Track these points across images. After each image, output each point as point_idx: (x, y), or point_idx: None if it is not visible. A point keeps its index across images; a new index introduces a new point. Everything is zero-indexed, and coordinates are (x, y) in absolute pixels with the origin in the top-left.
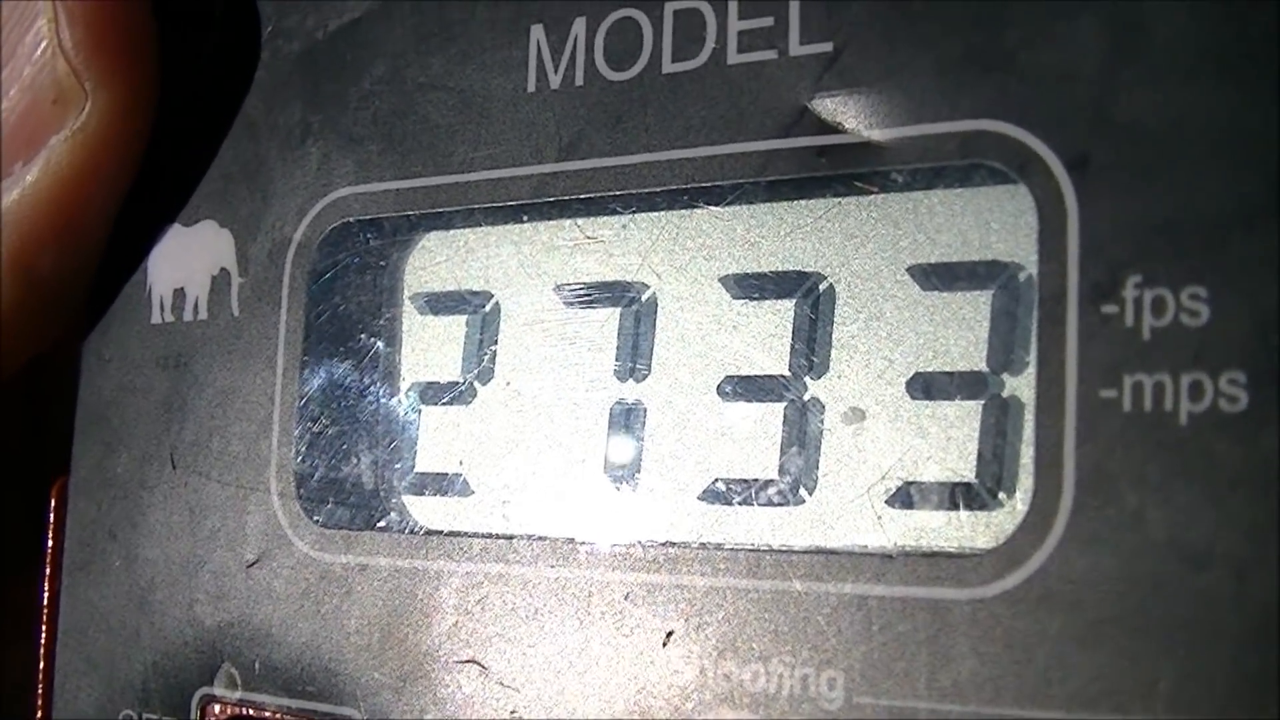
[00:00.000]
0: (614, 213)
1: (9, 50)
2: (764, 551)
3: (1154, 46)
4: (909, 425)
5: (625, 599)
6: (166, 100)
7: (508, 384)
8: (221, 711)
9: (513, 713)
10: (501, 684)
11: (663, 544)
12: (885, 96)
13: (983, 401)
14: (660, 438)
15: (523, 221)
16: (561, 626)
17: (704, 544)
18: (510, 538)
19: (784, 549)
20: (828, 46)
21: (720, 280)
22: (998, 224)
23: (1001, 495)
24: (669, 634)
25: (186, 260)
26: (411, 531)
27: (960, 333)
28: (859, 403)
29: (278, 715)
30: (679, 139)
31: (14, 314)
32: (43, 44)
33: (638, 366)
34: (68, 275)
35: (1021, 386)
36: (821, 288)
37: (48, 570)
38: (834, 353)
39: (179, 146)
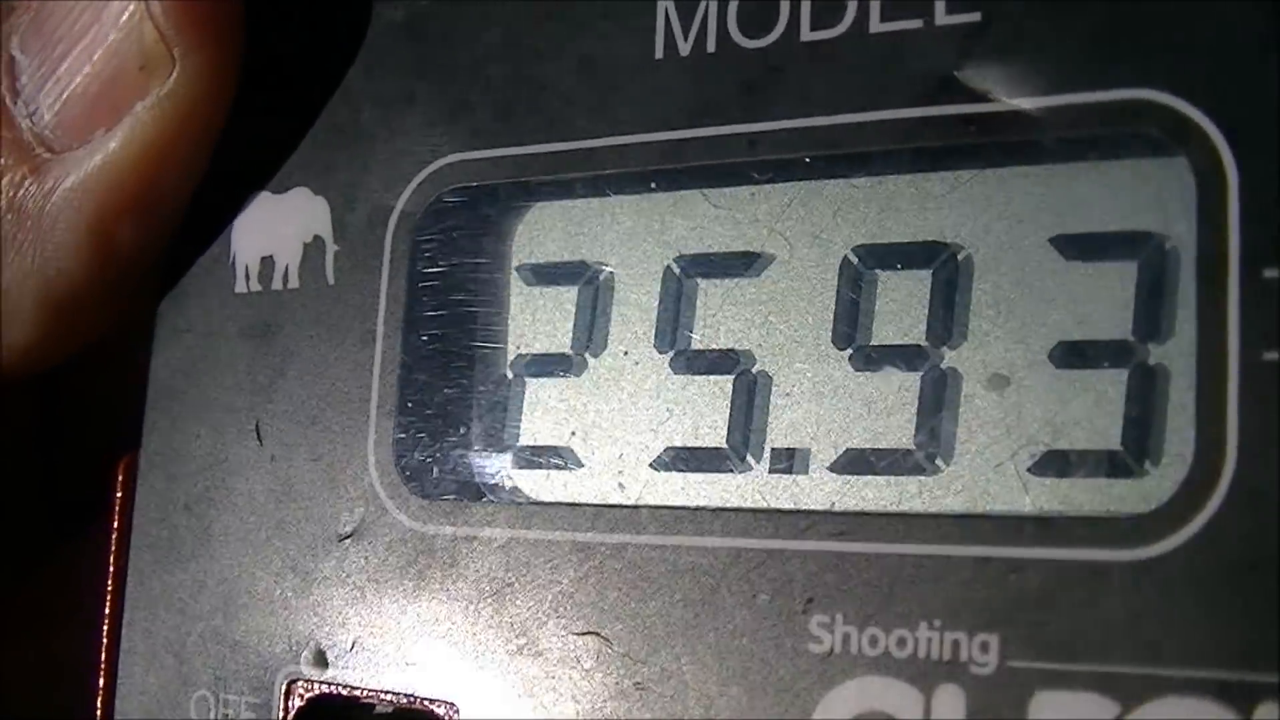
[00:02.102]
0: (743, 181)
1: (92, 15)
2: (908, 516)
3: None
4: (1051, 393)
5: (760, 566)
6: (259, 67)
7: (625, 354)
8: (308, 690)
9: (637, 684)
10: (626, 656)
11: (795, 512)
12: (1035, 65)
13: (1127, 369)
14: (789, 408)
15: (647, 190)
16: (690, 595)
17: (842, 511)
18: (632, 508)
19: (928, 514)
20: (975, 15)
21: (853, 250)
22: (1150, 194)
23: (1148, 463)
24: (809, 600)
25: (276, 228)
26: (521, 502)
27: (1105, 302)
28: (1000, 370)
29: (371, 694)
30: (816, 107)
31: (90, 285)
32: (129, 10)
33: (763, 336)
34: (145, 246)
35: (1169, 354)
36: (960, 258)
37: (112, 549)
38: (972, 322)
39: (266, 114)
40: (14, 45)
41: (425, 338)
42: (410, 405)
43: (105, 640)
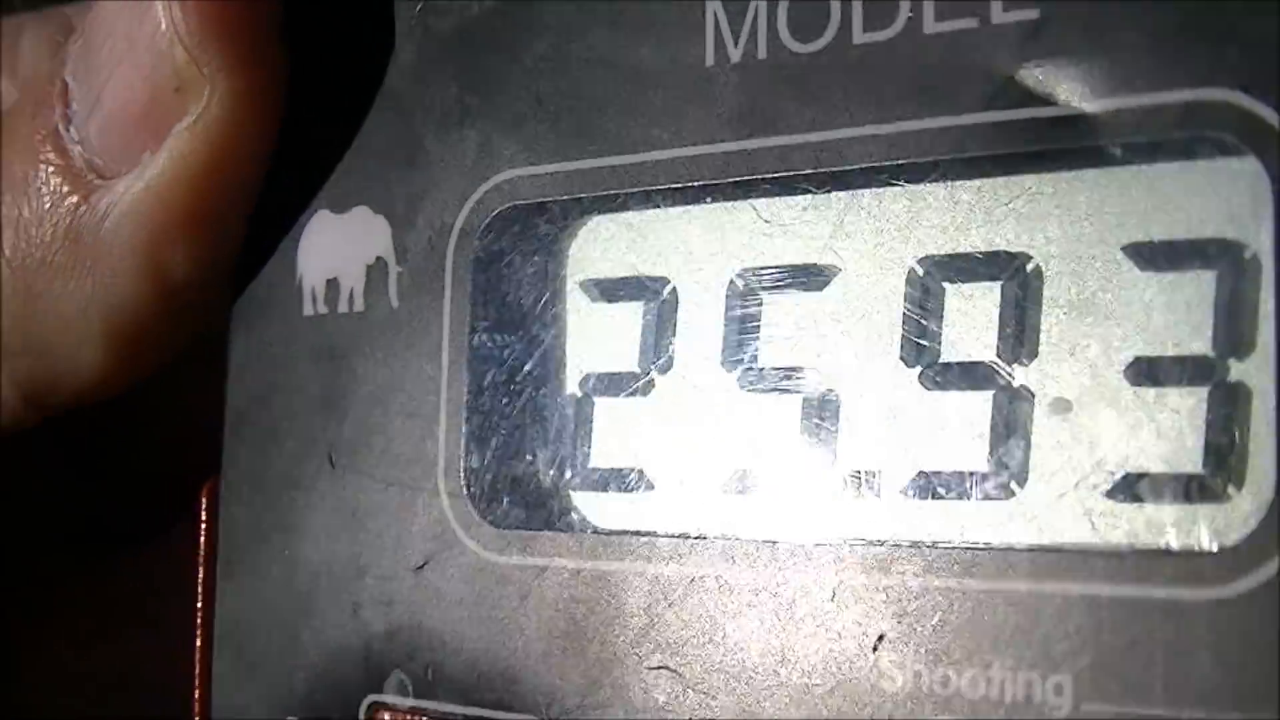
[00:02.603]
0: (800, 192)
1: (128, 39)
2: (980, 549)
3: None
4: (1127, 414)
5: (830, 600)
6: (312, 83)
7: (687, 374)
8: (392, 719)
9: None
10: (696, 690)
11: (868, 542)
12: (1097, 66)
13: (1208, 388)
14: (858, 430)
15: (703, 202)
16: (760, 629)
17: (914, 542)
18: (703, 538)
19: (1001, 546)
20: (1033, 13)
21: (917, 262)
22: (1222, 198)
23: (1230, 488)
24: (880, 637)
25: (339, 249)
26: (593, 531)
27: (1182, 315)
28: (1070, 390)
29: None
30: (872, 113)
31: (150, 310)
32: (160, 32)
33: (829, 353)
34: (202, 272)
35: (1250, 371)
36: (1029, 269)
37: (201, 573)
38: (1043, 337)
39: (326, 131)
40: (68, 72)
41: (489, 359)
42: (477, 430)
43: (198, 663)
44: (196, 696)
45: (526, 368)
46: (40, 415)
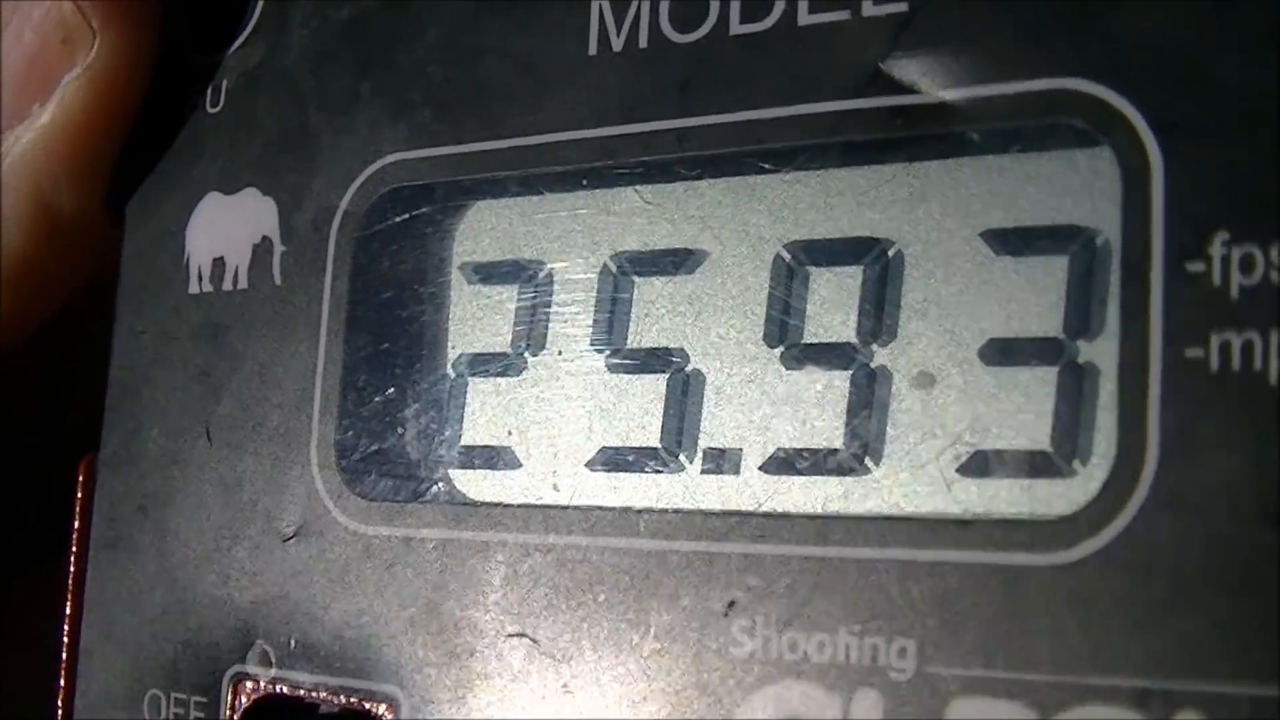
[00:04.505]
0: (676, 178)
1: None
2: (831, 518)
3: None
4: (981, 392)
5: (685, 568)
6: (204, 66)
7: (559, 354)
8: (254, 689)
9: (564, 686)
10: (552, 657)
11: (722, 513)
12: (962, 56)
13: (1058, 368)
14: (720, 406)
15: (581, 188)
16: (615, 598)
17: (767, 512)
18: (563, 508)
19: (851, 515)
20: (903, 6)
21: (785, 246)
22: (1076, 186)
23: (1076, 463)
24: (730, 603)
25: (227, 229)
26: (459, 503)
27: (1035, 298)
28: (928, 368)
29: (313, 693)
30: (747, 101)
31: (38, 256)
32: None
33: (695, 334)
34: (89, 213)
35: (1099, 352)
36: (890, 254)
37: (74, 549)
38: (903, 319)
39: (218, 114)
40: None
41: (367, 338)
42: (351, 406)
43: (66, 640)
44: (63, 671)
45: (403, 347)
46: None
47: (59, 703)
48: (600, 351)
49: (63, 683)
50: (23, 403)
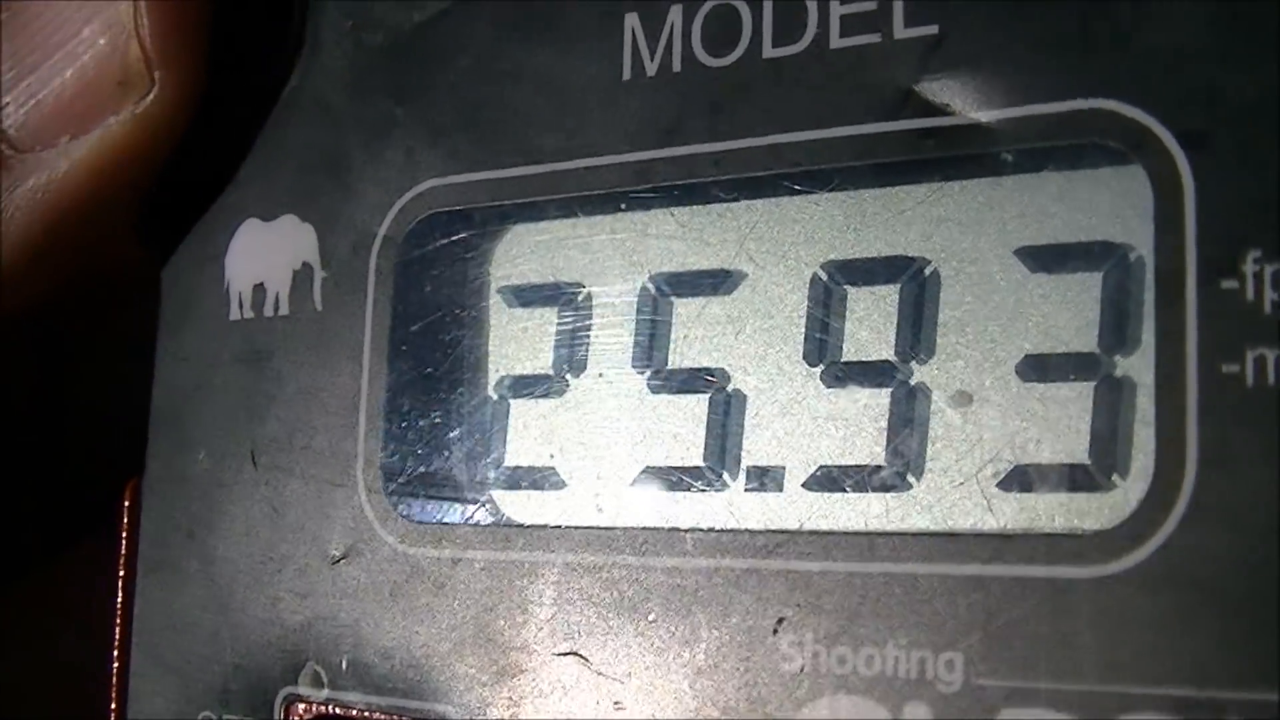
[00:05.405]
0: (713, 200)
1: (75, 25)
2: (875, 534)
3: (1268, 17)
4: (1018, 408)
5: (733, 585)
6: (245, 95)
7: (600, 375)
8: (306, 711)
9: (616, 704)
10: (603, 675)
11: (768, 531)
12: (993, 78)
13: (1094, 383)
14: (762, 425)
15: (619, 211)
16: (665, 615)
17: (813, 530)
18: (610, 529)
19: (896, 532)
20: (933, 29)
21: (822, 266)
22: (1109, 204)
23: (1115, 477)
24: (779, 620)
25: (267, 255)
26: (505, 524)
27: (1070, 314)
28: (966, 386)
29: (366, 714)
30: (780, 124)
31: (23, 284)
32: (118, 25)
33: (735, 354)
34: (85, 255)
35: (1135, 367)
36: (926, 272)
37: (121, 572)
38: (940, 337)
39: (256, 141)
40: None
41: (410, 362)
42: (396, 429)
43: (115, 662)
44: (114, 696)
45: (445, 369)
46: None
47: None
48: (641, 372)
49: (113, 706)
50: (22, 401)
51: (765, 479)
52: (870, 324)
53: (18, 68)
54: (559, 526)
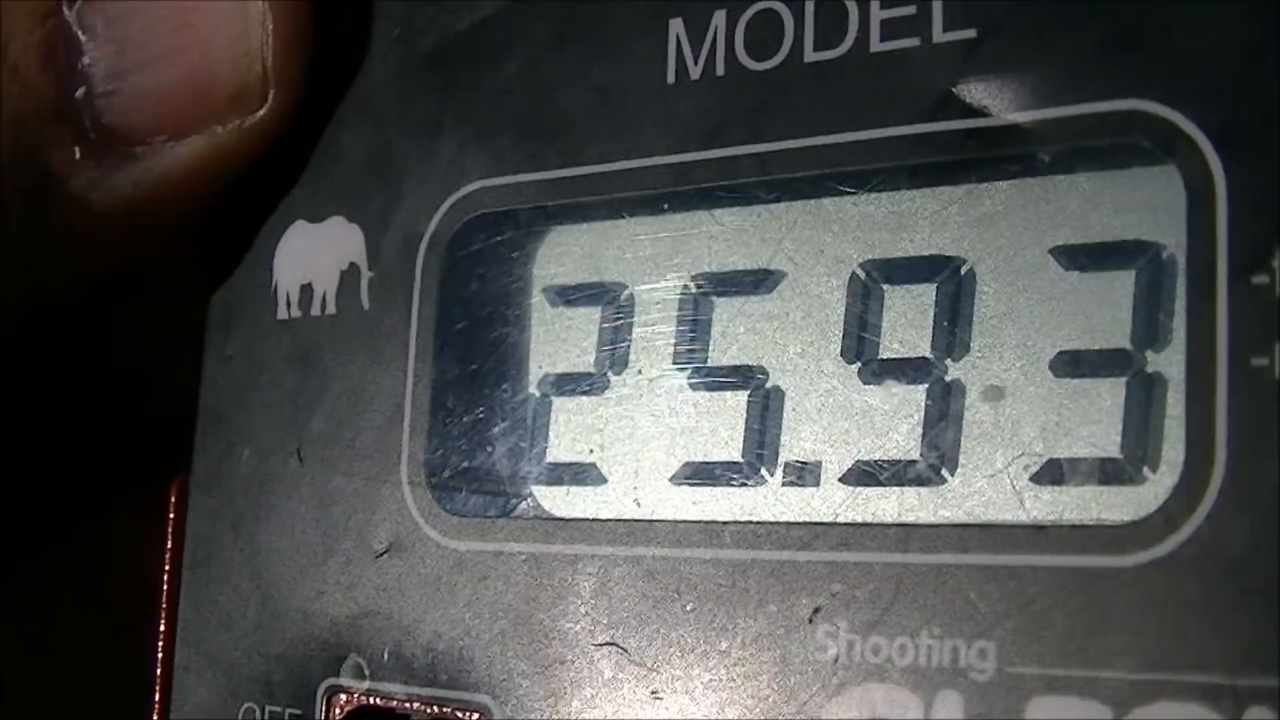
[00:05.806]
0: (754, 201)
1: (198, 30)
2: (910, 526)
3: None
4: (1051, 403)
5: (769, 576)
6: None
7: (641, 372)
8: (348, 701)
9: (653, 693)
10: (641, 665)
11: (804, 524)
12: (1029, 80)
13: (1126, 378)
14: (800, 421)
15: (662, 212)
16: (703, 606)
17: (848, 522)
18: (649, 521)
19: (930, 524)
20: (971, 32)
21: (860, 265)
22: (1142, 203)
23: (1145, 469)
24: (815, 609)
25: (314, 256)
26: (546, 519)
27: (1103, 312)
28: (1000, 382)
29: (407, 704)
30: (822, 126)
31: (76, 272)
32: (247, 38)
33: (775, 352)
34: (141, 256)
35: (1166, 363)
36: (963, 271)
37: (166, 568)
38: (976, 335)
39: (304, 143)
40: (73, 17)
41: (455, 360)
42: (440, 425)
43: (160, 655)
44: (158, 689)
45: (489, 367)
46: None
47: (154, 716)
48: (682, 370)
49: (157, 699)
50: (31, 399)
51: (803, 474)
52: (907, 322)
53: (125, 57)
54: (599, 520)
